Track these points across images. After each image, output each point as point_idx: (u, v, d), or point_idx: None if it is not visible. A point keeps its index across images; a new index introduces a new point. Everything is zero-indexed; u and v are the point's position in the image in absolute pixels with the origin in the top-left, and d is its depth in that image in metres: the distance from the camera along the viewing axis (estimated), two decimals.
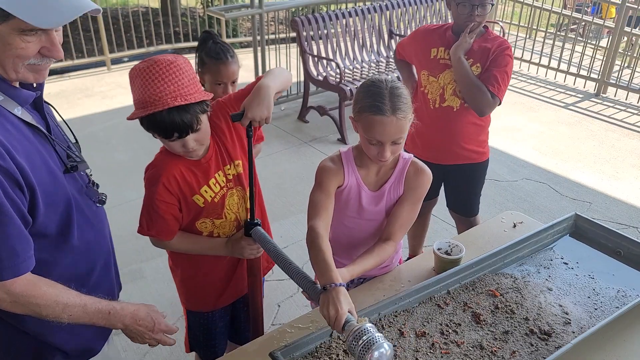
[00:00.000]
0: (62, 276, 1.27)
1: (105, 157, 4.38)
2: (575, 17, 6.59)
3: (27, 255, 1.15)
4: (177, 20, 7.35)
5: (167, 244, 1.69)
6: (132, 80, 1.44)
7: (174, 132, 1.46)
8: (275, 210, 3.63)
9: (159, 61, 1.41)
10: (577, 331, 1.53)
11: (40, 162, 1.17)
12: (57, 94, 5.65)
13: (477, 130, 2.53)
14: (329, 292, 1.29)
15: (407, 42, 2.68)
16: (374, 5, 5.31)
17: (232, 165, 1.70)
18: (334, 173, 1.66)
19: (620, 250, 1.88)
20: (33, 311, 1.19)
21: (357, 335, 1.19)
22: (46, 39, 1.11)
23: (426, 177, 1.70)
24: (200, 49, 2.21)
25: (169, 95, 1.40)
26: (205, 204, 1.66)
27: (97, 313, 1.28)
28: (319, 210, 1.59)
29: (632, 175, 4.30)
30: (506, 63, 2.36)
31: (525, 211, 3.57)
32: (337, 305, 1.26)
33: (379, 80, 1.56)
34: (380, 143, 1.54)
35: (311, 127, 5.07)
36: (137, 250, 3.20)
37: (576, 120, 5.29)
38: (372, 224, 1.75)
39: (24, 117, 1.17)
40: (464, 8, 2.31)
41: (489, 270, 1.77)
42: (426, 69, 2.49)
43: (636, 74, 5.95)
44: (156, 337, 1.42)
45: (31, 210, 1.16)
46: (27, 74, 1.14)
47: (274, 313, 2.83)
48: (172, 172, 1.58)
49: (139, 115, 1.43)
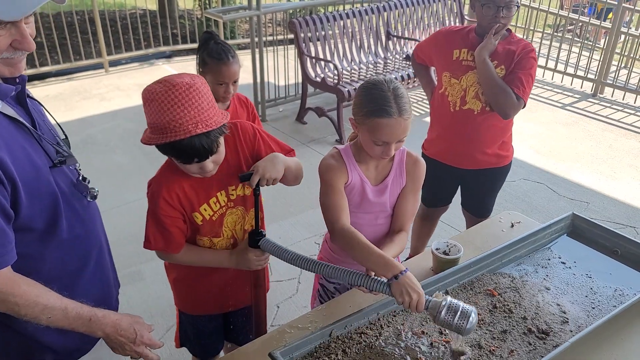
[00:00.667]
0: (51, 272, 1.26)
1: (104, 159, 4.38)
2: (572, 17, 6.61)
3: (5, 249, 1.13)
4: (175, 22, 7.36)
5: (173, 256, 1.68)
6: (148, 103, 1.39)
7: (195, 157, 1.43)
8: (274, 211, 3.64)
9: (178, 84, 1.35)
10: (574, 330, 1.54)
11: (22, 155, 1.17)
12: (55, 96, 5.65)
13: (498, 133, 2.49)
14: (402, 280, 1.37)
15: (426, 44, 2.65)
16: (371, 7, 5.33)
17: (240, 187, 1.67)
18: (339, 170, 1.67)
19: (617, 250, 1.89)
20: (12, 310, 1.17)
21: (449, 309, 1.34)
22: (16, 31, 1.11)
23: (423, 166, 1.77)
24: (201, 49, 2.21)
25: (190, 121, 1.36)
26: (203, 222, 1.64)
27: (77, 318, 1.25)
28: (339, 210, 1.62)
29: (630, 175, 4.32)
30: (531, 65, 2.34)
31: (523, 211, 3.58)
32: (416, 290, 1.37)
33: (381, 82, 1.57)
34: (386, 143, 1.58)
35: (309, 129, 5.08)
36: (136, 252, 3.19)
37: (573, 121, 5.31)
38: (374, 216, 1.76)
39: (4, 111, 1.17)
40: (488, 9, 2.28)
41: (487, 270, 1.78)
42: (448, 71, 2.46)
43: (633, 74, 5.98)
44: (137, 349, 1.38)
45: (13, 204, 1.15)
46: (2, 68, 1.15)
47: (273, 314, 2.83)
48: (173, 187, 1.57)
49: (157, 141, 1.39)
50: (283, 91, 5.47)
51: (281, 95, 5.45)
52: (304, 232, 3.51)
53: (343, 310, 1.61)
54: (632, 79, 5.92)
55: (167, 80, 1.37)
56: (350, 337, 1.49)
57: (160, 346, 1.44)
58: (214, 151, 1.45)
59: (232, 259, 1.69)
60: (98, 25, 6.13)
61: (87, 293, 1.32)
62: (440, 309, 1.35)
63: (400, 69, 5.20)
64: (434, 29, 5.82)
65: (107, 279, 1.48)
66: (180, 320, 1.97)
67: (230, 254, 1.69)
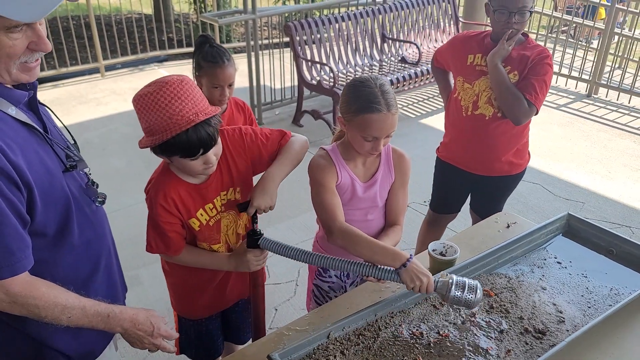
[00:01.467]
0: (64, 277, 1.27)
1: (101, 163, 4.38)
2: (566, 19, 6.65)
3: (23, 254, 1.14)
4: (171, 26, 7.37)
5: (173, 257, 1.71)
6: (143, 106, 1.40)
7: (200, 148, 1.45)
8: (270, 214, 3.59)
9: (169, 81, 1.39)
10: (571, 329, 1.55)
11: (36, 160, 1.18)
12: (52, 101, 5.65)
13: (512, 139, 2.46)
14: (410, 267, 1.44)
15: (445, 48, 2.66)
16: (366, 10, 5.35)
17: (231, 191, 1.70)
18: (329, 170, 1.71)
19: (612, 249, 1.91)
20: (32, 312, 1.19)
21: (457, 286, 1.44)
22: (32, 33, 1.12)
23: (408, 160, 1.82)
24: (197, 53, 2.22)
25: (190, 112, 1.39)
26: (200, 227, 1.66)
27: (96, 316, 1.27)
28: (334, 209, 1.65)
29: (624, 175, 4.34)
30: (545, 72, 2.31)
31: (519, 211, 3.60)
32: (425, 273, 1.45)
33: (367, 80, 1.62)
34: (376, 138, 1.62)
35: (305, 131, 5.07)
36: (133, 256, 3.19)
37: (568, 121, 5.34)
38: (364, 212, 1.80)
39: (18, 117, 1.18)
40: (501, 15, 2.28)
41: (484, 271, 1.79)
42: (462, 75, 2.47)
43: (627, 74, 6.01)
44: (155, 342, 1.41)
45: (29, 209, 1.16)
46: (19, 74, 1.15)
47: (271, 316, 2.84)
48: (170, 193, 1.59)
49: (162, 139, 1.40)
50: (279, 94, 5.48)
51: (277, 98, 5.47)
52: (301, 234, 3.52)
53: (341, 311, 1.62)
54: (626, 79, 5.96)
55: (156, 81, 1.41)
56: (349, 338, 1.49)
57: (176, 337, 1.49)
58: (216, 139, 1.48)
59: (231, 261, 1.70)
60: (94, 30, 6.15)
61: (98, 297, 1.33)
62: (450, 287, 1.44)
63: (396, 71, 5.22)
64: (428, 32, 5.84)
65: (115, 283, 1.49)
66: (180, 325, 1.97)
67: (229, 257, 1.71)
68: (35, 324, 1.24)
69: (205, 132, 1.43)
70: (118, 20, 7.61)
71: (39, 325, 1.24)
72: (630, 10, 6.14)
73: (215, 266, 1.73)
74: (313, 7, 5.57)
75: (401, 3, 5.58)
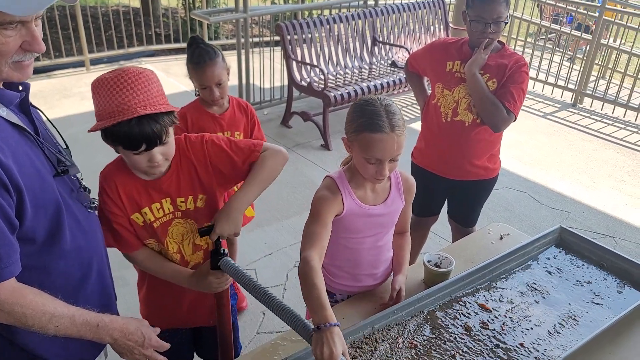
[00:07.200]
0: (55, 284, 1.24)
1: (86, 159, 4.26)
2: (553, 28, 6.73)
3: (10, 260, 1.11)
4: (158, 21, 7.27)
5: (134, 259, 1.66)
6: (97, 90, 1.38)
7: (143, 143, 1.39)
8: (258, 217, 3.60)
9: (128, 70, 1.37)
10: (565, 345, 1.57)
11: (27, 163, 1.15)
12: (35, 94, 5.53)
13: (487, 146, 2.52)
14: (323, 332, 1.25)
15: (421, 54, 2.68)
16: (357, 12, 5.35)
17: (191, 199, 1.61)
18: (332, 203, 1.61)
19: (603, 263, 1.93)
20: (18, 320, 1.15)
21: None
22: (26, 32, 1.09)
23: (414, 182, 1.81)
24: (187, 56, 2.19)
25: (139, 104, 1.35)
26: (144, 224, 1.60)
27: (85, 325, 1.24)
28: (314, 241, 1.52)
29: (608, 185, 4.41)
30: (522, 80, 2.36)
31: (507, 220, 3.63)
32: (331, 346, 1.22)
33: (372, 99, 1.56)
34: (379, 161, 1.54)
35: (294, 133, 5.07)
36: (119, 256, 3.14)
37: (554, 130, 5.40)
38: (375, 238, 1.74)
39: (9, 118, 1.15)
40: (477, 25, 2.31)
41: (478, 283, 1.80)
42: (441, 82, 2.48)
43: (611, 85, 6.11)
44: (146, 352, 1.38)
45: (18, 213, 1.13)
46: (11, 73, 1.12)
47: (258, 321, 2.82)
48: (116, 183, 1.54)
49: (105, 125, 1.36)
50: (268, 94, 5.44)
51: (266, 98, 5.43)
52: (289, 238, 3.50)
53: None
54: (611, 90, 6.05)
55: (118, 68, 1.39)
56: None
57: (167, 347, 1.44)
58: (162, 138, 1.42)
59: (192, 280, 1.63)
60: (79, 21, 6.01)
61: (89, 304, 1.30)
62: None
63: (386, 75, 5.23)
64: (419, 35, 5.86)
65: (108, 289, 1.46)
66: None
67: (191, 276, 1.64)
68: (24, 333, 1.21)
69: (150, 128, 1.38)
70: (104, 12, 7.47)
71: (26, 335, 1.21)
72: (617, 22, 6.24)
73: (177, 281, 1.66)
74: (304, 7, 5.55)
75: (392, 7, 5.59)
